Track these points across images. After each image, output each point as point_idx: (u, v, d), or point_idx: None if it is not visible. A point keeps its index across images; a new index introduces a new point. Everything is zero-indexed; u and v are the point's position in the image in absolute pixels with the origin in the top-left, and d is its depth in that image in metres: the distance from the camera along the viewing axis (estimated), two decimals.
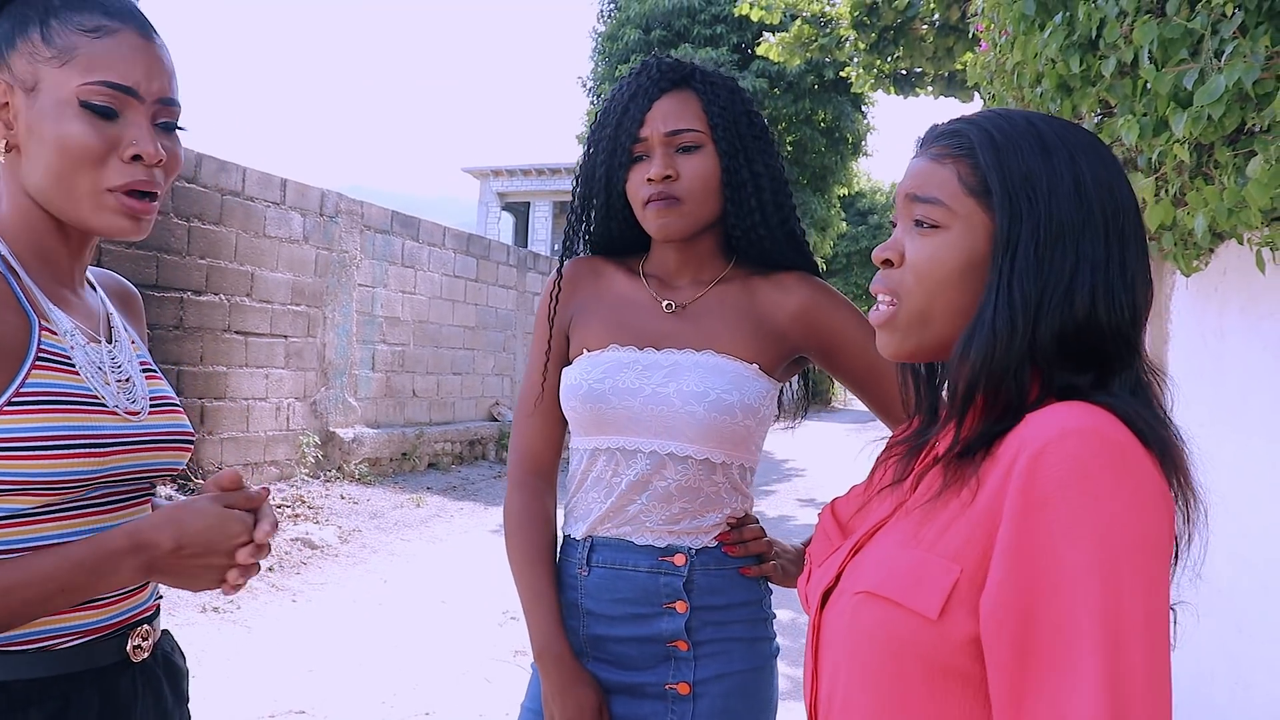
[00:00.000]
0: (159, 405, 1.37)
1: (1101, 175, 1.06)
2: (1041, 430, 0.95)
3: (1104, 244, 1.04)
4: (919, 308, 1.10)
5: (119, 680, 1.28)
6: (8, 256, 1.24)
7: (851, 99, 19.79)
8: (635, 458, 1.70)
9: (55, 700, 1.20)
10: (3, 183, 1.28)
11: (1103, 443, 0.92)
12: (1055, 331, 1.02)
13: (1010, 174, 1.05)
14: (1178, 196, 2.69)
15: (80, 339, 1.28)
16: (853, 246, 30.62)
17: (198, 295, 8.47)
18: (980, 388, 1.04)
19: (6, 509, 1.16)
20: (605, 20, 21.26)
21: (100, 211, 1.25)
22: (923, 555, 1.00)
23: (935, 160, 1.11)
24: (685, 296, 1.80)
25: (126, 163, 1.24)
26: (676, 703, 1.68)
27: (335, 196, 10.42)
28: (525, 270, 14.80)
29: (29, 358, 1.19)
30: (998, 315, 1.03)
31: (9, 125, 1.24)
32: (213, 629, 5.40)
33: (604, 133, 1.76)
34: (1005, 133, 1.08)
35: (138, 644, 1.32)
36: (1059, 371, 1.03)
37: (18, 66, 1.23)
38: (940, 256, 1.08)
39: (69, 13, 1.24)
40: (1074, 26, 2.78)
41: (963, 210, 1.07)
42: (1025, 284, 1.02)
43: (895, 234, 1.15)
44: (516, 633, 5.68)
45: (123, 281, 1.56)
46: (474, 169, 34.62)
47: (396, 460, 11.09)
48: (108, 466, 1.24)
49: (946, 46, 8.30)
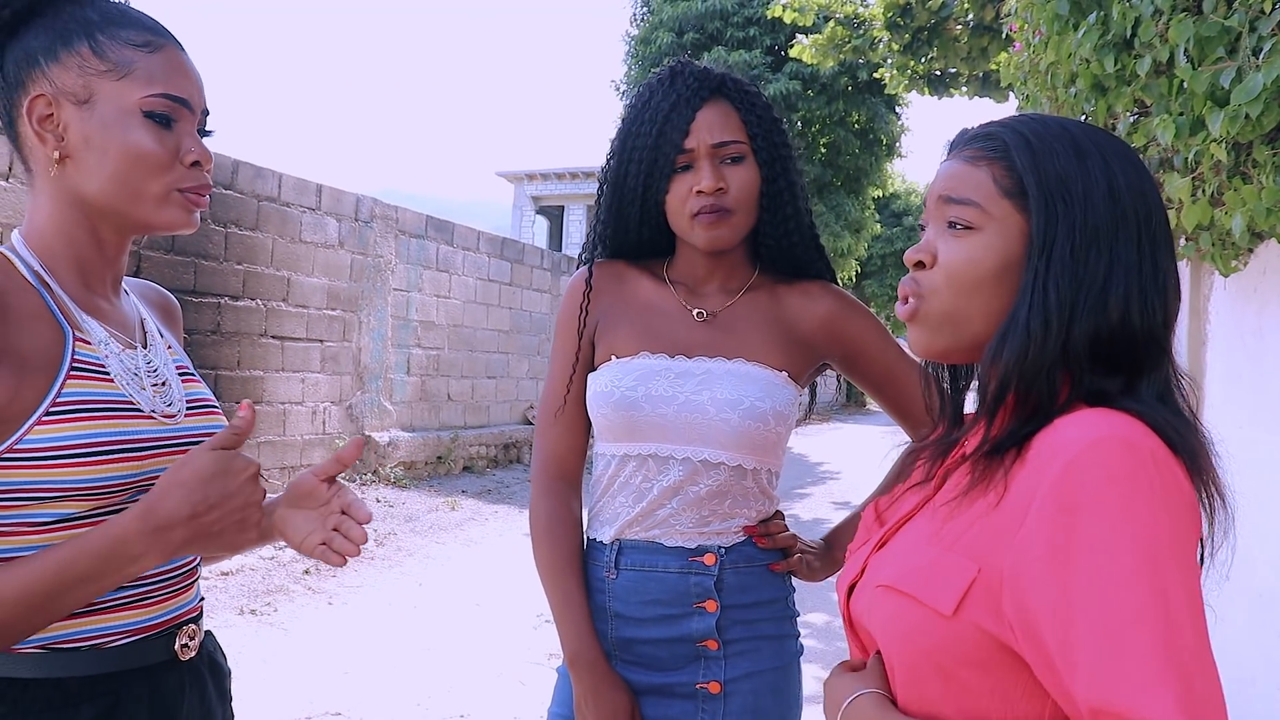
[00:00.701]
0: (196, 408, 1.40)
1: (1134, 179, 1.06)
2: (1073, 438, 0.95)
3: (1136, 247, 1.04)
4: (946, 308, 1.11)
5: (167, 678, 1.32)
6: (39, 269, 1.27)
7: (885, 100, 19.70)
8: (669, 464, 1.71)
9: (107, 697, 1.23)
10: (41, 196, 1.31)
11: (1134, 450, 0.92)
12: (1089, 334, 1.03)
13: (1046, 176, 1.06)
14: (1215, 196, 2.66)
15: (115, 346, 1.30)
16: (887, 248, 30.49)
17: (234, 300, 8.56)
18: (1012, 388, 1.05)
19: (53, 514, 1.19)
20: (638, 24, 21.27)
21: (164, 209, 1.31)
22: (942, 553, 1.02)
23: (969, 162, 1.12)
24: (714, 304, 1.81)
25: (188, 168, 1.32)
26: (707, 702, 1.69)
27: (370, 201, 10.49)
28: (559, 274, 14.83)
29: (63, 368, 1.21)
30: (1032, 316, 1.03)
31: (60, 137, 1.27)
32: (250, 631, 5.45)
33: (641, 141, 1.75)
34: (1040, 135, 1.08)
35: (185, 643, 1.35)
36: (1089, 375, 1.04)
37: (63, 80, 1.26)
38: (975, 258, 1.09)
39: (114, 28, 1.28)
40: (1108, 26, 2.76)
41: (998, 212, 1.08)
42: (1061, 286, 1.03)
43: (927, 236, 1.15)
44: (551, 636, 5.69)
45: (162, 291, 1.59)
46: (508, 173, 34.71)
47: (431, 464, 11.15)
48: (147, 469, 1.27)
49: (980, 47, 8.25)
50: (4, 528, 1.18)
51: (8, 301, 1.20)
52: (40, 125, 1.27)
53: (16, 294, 1.22)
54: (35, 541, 1.19)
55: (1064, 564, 0.90)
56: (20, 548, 1.18)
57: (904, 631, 1.03)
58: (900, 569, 1.07)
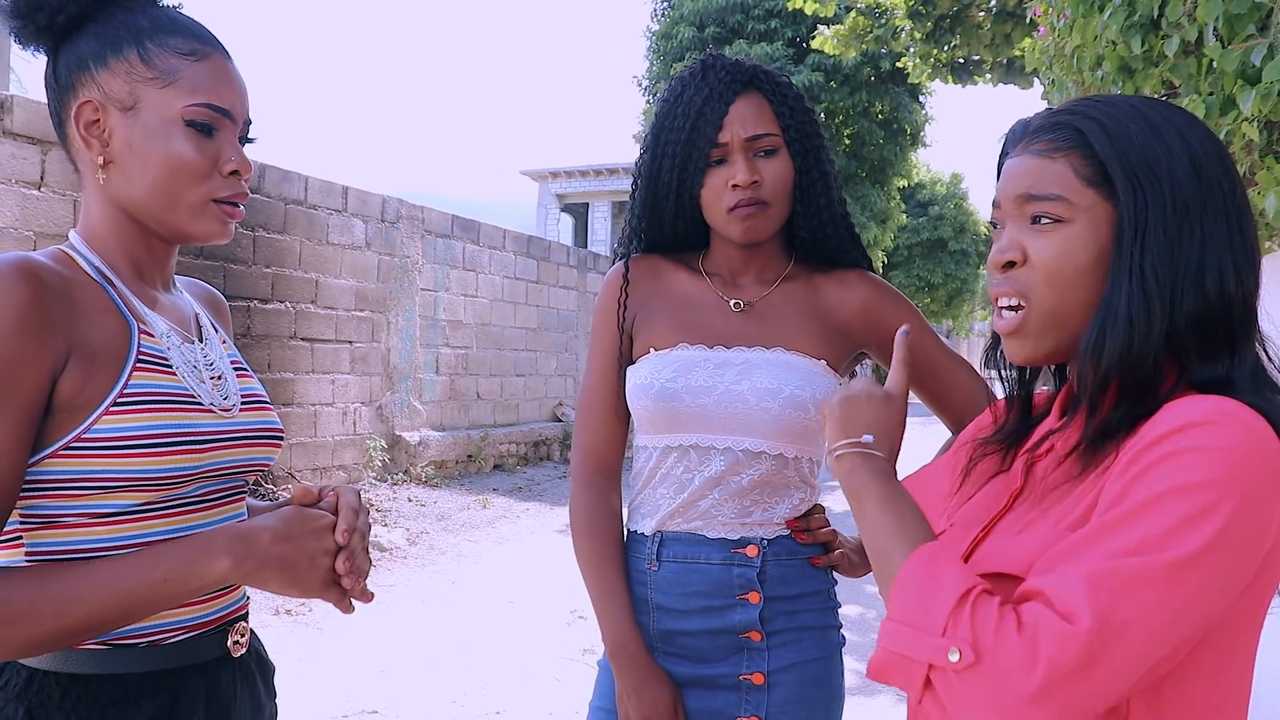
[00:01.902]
0: (250, 402, 1.42)
1: (1211, 149, 1.05)
2: (1187, 412, 0.95)
3: (1225, 219, 1.03)
4: (1051, 307, 1.09)
5: (221, 674, 1.34)
6: (102, 266, 1.30)
7: (909, 89, 19.61)
8: (710, 455, 1.71)
9: (166, 693, 1.26)
10: (90, 197, 1.33)
11: (1248, 429, 0.92)
12: (1191, 313, 1.02)
13: (1129, 159, 1.04)
14: (1247, 176, 2.63)
15: (175, 339, 1.33)
16: (914, 238, 30.31)
17: (264, 303, 8.61)
18: (1116, 377, 1.03)
19: (116, 505, 1.22)
20: (659, 19, 21.25)
21: (199, 219, 1.33)
22: (1048, 530, 1.01)
23: (1043, 156, 1.10)
24: (751, 295, 1.81)
25: (226, 177, 1.33)
26: (751, 693, 1.69)
27: (396, 202, 10.53)
28: (585, 271, 14.85)
29: (130, 360, 1.24)
30: (1133, 304, 1.02)
31: (105, 142, 1.29)
32: (286, 631, 5.48)
33: (674, 135, 1.75)
34: (1113, 118, 1.07)
35: (236, 639, 1.37)
36: (1195, 355, 1.02)
37: (111, 86, 1.28)
38: (1069, 250, 1.06)
39: (163, 36, 1.30)
40: (1134, 6, 2.73)
41: (1084, 202, 1.06)
42: (1160, 269, 1.02)
43: (1008, 235, 1.12)
44: (585, 631, 5.71)
45: (209, 288, 1.62)
46: (532, 171, 34.76)
47: (462, 462, 11.19)
48: (206, 462, 1.29)
49: (1004, 33, 8.19)
50: (68, 518, 1.20)
51: (74, 295, 1.22)
52: (87, 130, 1.29)
53: (82, 288, 1.24)
54: (98, 533, 1.21)
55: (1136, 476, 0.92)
56: (82, 539, 1.21)
57: None
58: (1013, 556, 1.03)
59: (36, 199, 6.51)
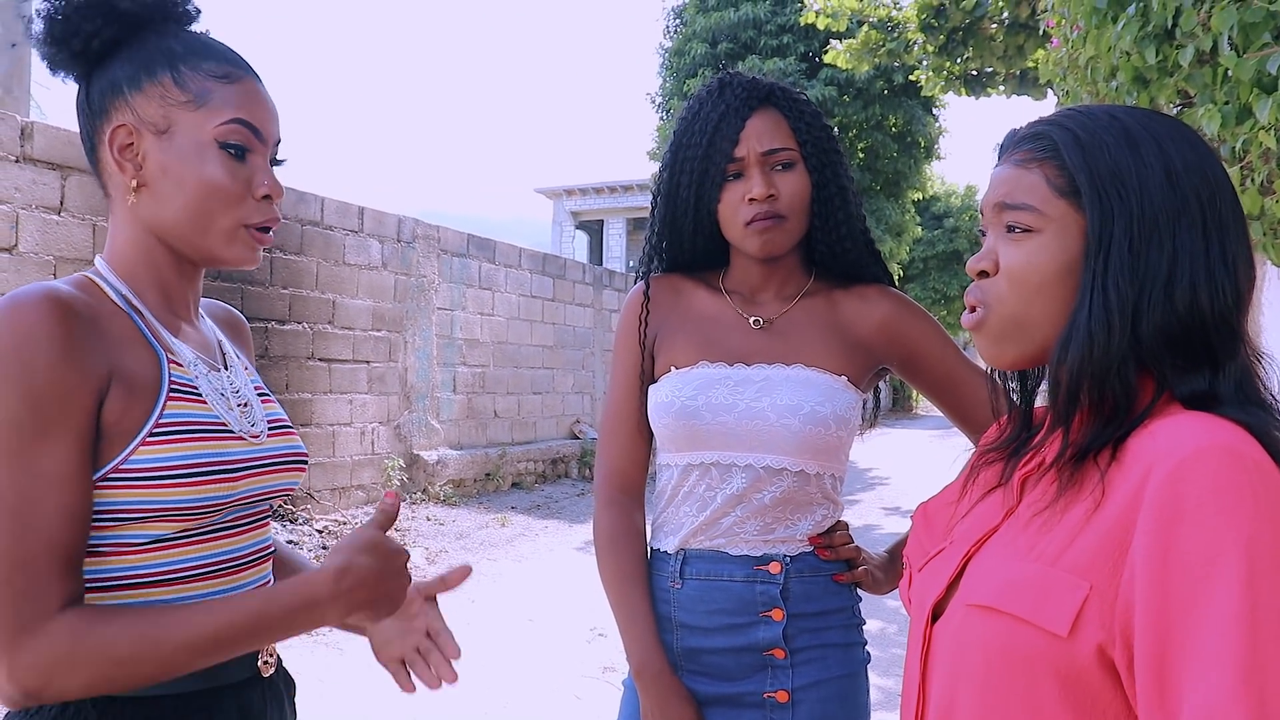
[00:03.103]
0: (276, 428, 1.42)
1: (1192, 160, 1.03)
2: (1175, 446, 0.92)
3: (1202, 232, 1.01)
4: (1012, 313, 1.09)
5: (252, 694, 1.35)
6: (127, 293, 1.29)
7: (922, 102, 19.57)
8: (732, 472, 1.71)
9: (199, 713, 1.26)
10: (120, 222, 1.33)
11: (1239, 462, 0.89)
12: (1159, 328, 1.00)
13: (1098, 171, 1.03)
14: (1265, 184, 2.62)
15: (203, 368, 1.32)
16: (929, 251, 30.27)
17: (281, 325, 8.65)
18: (1082, 391, 1.02)
19: (150, 535, 1.21)
20: (671, 36, 21.29)
21: (232, 245, 1.33)
22: (1046, 570, 0.97)
23: (1021, 165, 1.10)
24: (771, 311, 1.81)
25: (259, 201, 1.33)
26: (775, 711, 1.68)
27: (411, 222, 10.58)
28: (601, 288, 14.87)
29: (163, 390, 1.24)
30: (1093, 318, 1.01)
31: (139, 166, 1.29)
32: (305, 650, 5.48)
33: (691, 152, 1.76)
34: (1089, 130, 1.06)
35: (266, 659, 1.38)
36: (1170, 370, 1.01)
37: (145, 109, 1.28)
38: (1035, 261, 1.06)
39: (195, 59, 1.30)
40: (1148, 17, 2.72)
41: (1054, 213, 1.06)
42: (1121, 283, 1.00)
43: (987, 244, 1.13)
44: (605, 649, 5.69)
45: (230, 310, 1.62)
46: (546, 189, 34.88)
47: (480, 481, 11.19)
48: (239, 490, 1.29)
49: (1017, 44, 8.19)
50: (102, 548, 1.20)
51: (105, 326, 1.22)
52: (121, 154, 1.29)
53: (110, 318, 1.24)
54: (130, 562, 1.21)
55: (1163, 579, 0.87)
56: (115, 568, 1.21)
57: (1013, 655, 0.98)
58: (998, 589, 1.01)
59: (57, 224, 6.56)
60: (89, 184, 6.74)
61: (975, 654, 1.02)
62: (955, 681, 1.05)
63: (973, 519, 1.16)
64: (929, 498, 1.31)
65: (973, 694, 1.02)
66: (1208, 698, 0.83)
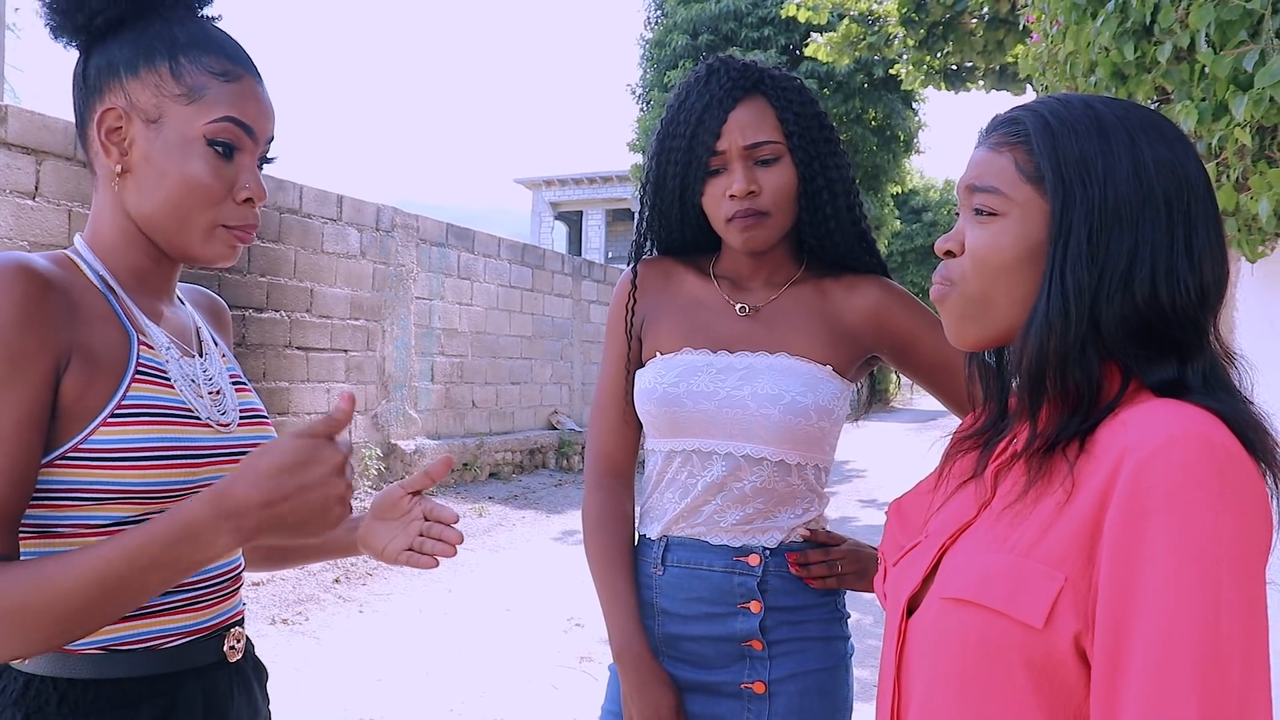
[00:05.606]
0: (248, 418, 1.41)
1: (1163, 155, 1.03)
2: (1146, 435, 0.93)
3: (1166, 226, 1.01)
4: (974, 293, 1.10)
5: (218, 678, 1.34)
6: (105, 275, 1.29)
7: (902, 96, 19.61)
8: (712, 460, 1.71)
9: (164, 697, 1.26)
10: (102, 203, 1.32)
11: (1210, 451, 0.90)
12: (1118, 318, 1.00)
13: (1064, 159, 1.04)
14: (1240, 181, 2.64)
15: (175, 353, 1.31)
16: (908, 245, 30.37)
17: (259, 313, 8.61)
18: (1045, 379, 1.03)
19: (111, 516, 1.21)
20: (652, 27, 21.25)
21: (208, 243, 1.32)
22: (1019, 561, 0.98)
23: (994, 149, 1.11)
24: (758, 299, 1.80)
25: (239, 204, 1.32)
26: (753, 701, 1.68)
27: (390, 211, 10.53)
28: (580, 279, 14.85)
29: (129, 371, 1.23)
30: (1051, 304, 1.02)
31: (124, 151, 1.28)
32: (282, 640, 5.48)
33: (676, 143, 1.73)
34: (1061, 117, 1.06)
35: (232, 645, 1.37)
36: (1136, 361, 1.01)
37: (139, 96, 1.27)
38: (997, 243, 1.07)
39: (196, 52, 1.29)
40: (1127, 13, 2.74)
41: (1020, 197, 1.06)
42: (1079, 271, 1.01)
43: (957, 225, 1.15)
44: (582, 639, 5.70)
45: (211, 295, 1.61)
46: (526, 179, 34.81)
47: (458, 470, 11.17)
48: (202, 477, 1.28)
49: (997, 40, 8.20)
50: (61, 528, 1.19)
51: (76, 301, 1.21)
52: (108, 137, 1.28)
53: (83, 293, 1.23)
54: (93, 543, 1.18)
55: (1128, 574, 0.89)
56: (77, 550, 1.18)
57: (989, 647, 0.98)
58: (973, 581, 1.01)
59: (31, 209, 6.50)
60: (64, 169, 6.68)
61: (951, 647, 1.02)
62: (931, 675, 1.06)
63: (947, 512, 1.16)
64: (903, 494, 1.31)
65: (949, 687, 1.03)
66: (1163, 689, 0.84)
